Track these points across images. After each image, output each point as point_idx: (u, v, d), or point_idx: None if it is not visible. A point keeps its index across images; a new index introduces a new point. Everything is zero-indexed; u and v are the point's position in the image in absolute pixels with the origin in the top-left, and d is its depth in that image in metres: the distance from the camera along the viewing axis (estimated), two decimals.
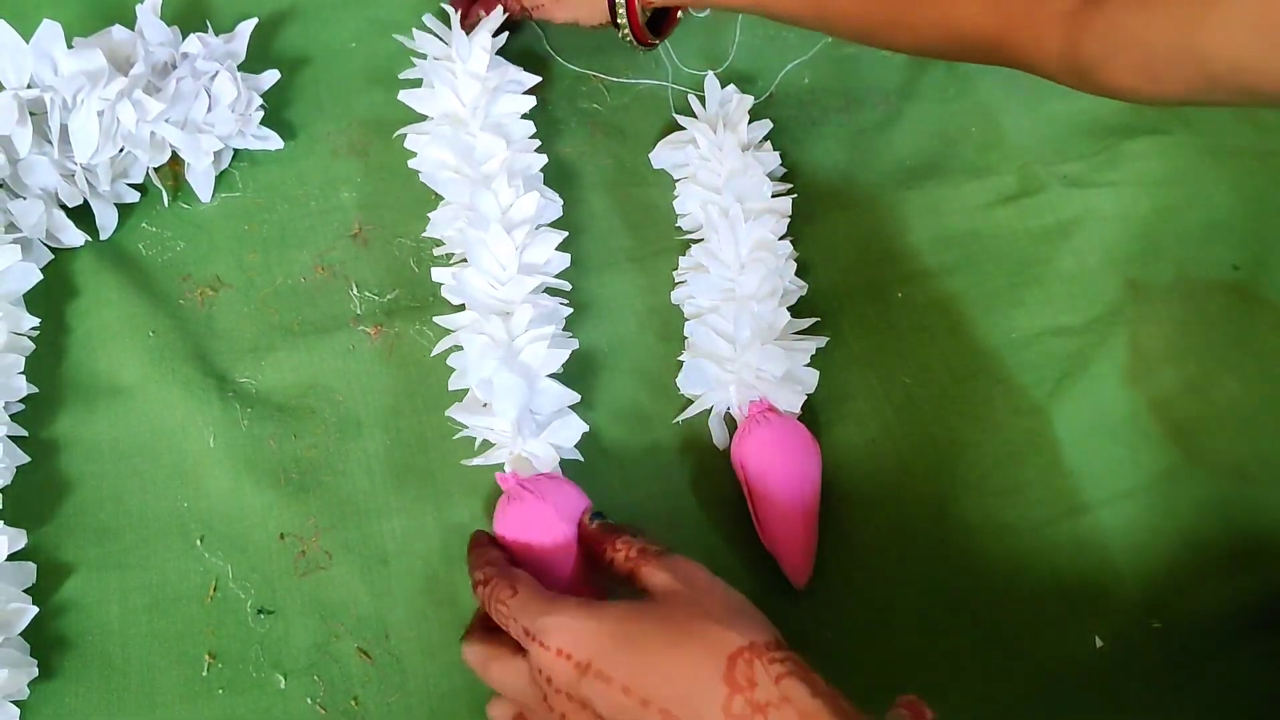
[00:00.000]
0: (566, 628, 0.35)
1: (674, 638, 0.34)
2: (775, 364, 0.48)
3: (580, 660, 0.34)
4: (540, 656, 0.35)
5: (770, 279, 0.50)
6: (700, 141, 0.54)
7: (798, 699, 0.32)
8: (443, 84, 0.53)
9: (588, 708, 0.34)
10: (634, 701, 0.33)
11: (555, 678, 0.35)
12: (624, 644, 0.34)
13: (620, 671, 0.33)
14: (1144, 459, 0.50)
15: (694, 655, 0.33)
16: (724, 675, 0.32)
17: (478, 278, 0.48)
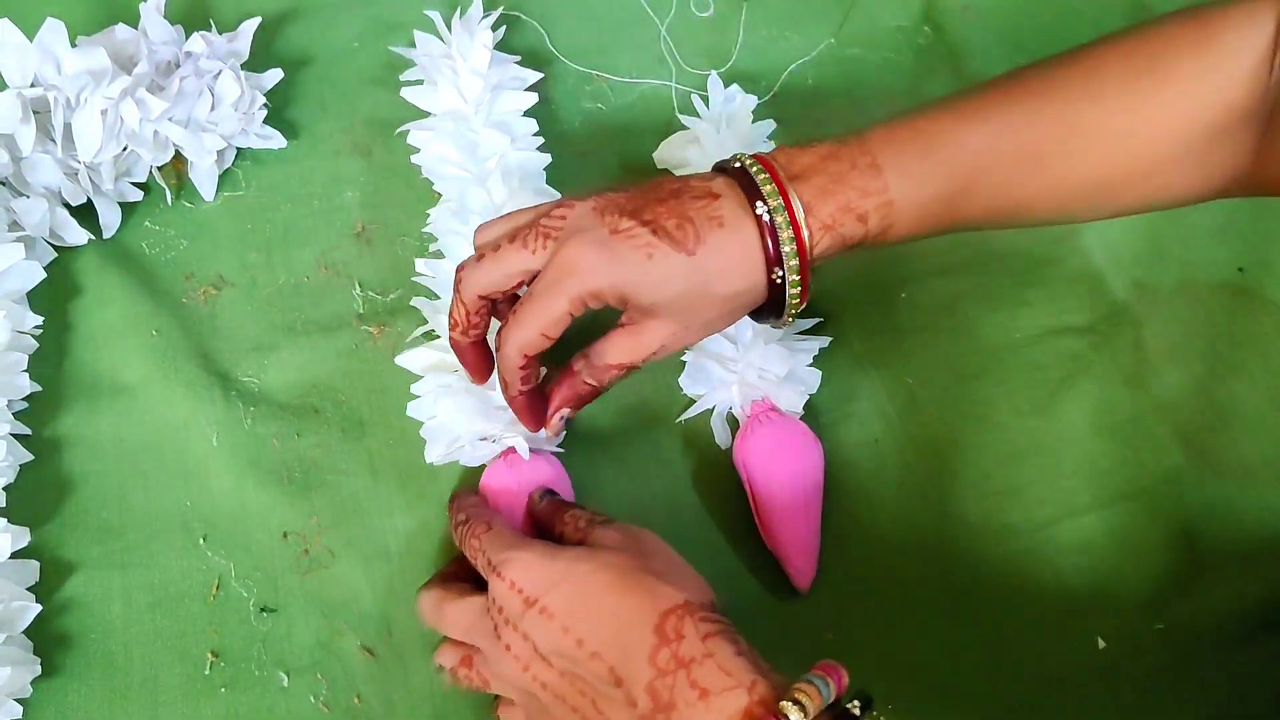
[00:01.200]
0: (524, 562, 0.37)
1: (616, 586, 0.36)
2: (778, 364, 0.48)
3: (529, 595, 0.36)
4: (496, 587, 0.37)
5: None
6: (703, 141, 0.54)
7: (721, 656, 0.33)
8: (445, 81, 0.53)
9: (528, 640, 0.36)
10: (570, 640, 0.35)
11: (506, 608, 0.37)
12: (570, 585, 0.36)
13: (561, 610, 0.35)
14: (1148, 460, 0.50)
15: (630, 605, 0.35)
16: (655, 627, 0.34)
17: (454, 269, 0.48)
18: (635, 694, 0.34)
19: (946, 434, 0.50)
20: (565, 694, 0.35)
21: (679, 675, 0.33)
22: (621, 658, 0.34)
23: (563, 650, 0.35)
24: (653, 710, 0.33)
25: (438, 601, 0.40)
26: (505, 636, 0.37)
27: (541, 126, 0.54)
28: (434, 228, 0.51)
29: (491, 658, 0.38)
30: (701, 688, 0.33)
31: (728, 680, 0.33)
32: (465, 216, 0.49)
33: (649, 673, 0.34)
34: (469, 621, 0.39)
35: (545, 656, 0.36)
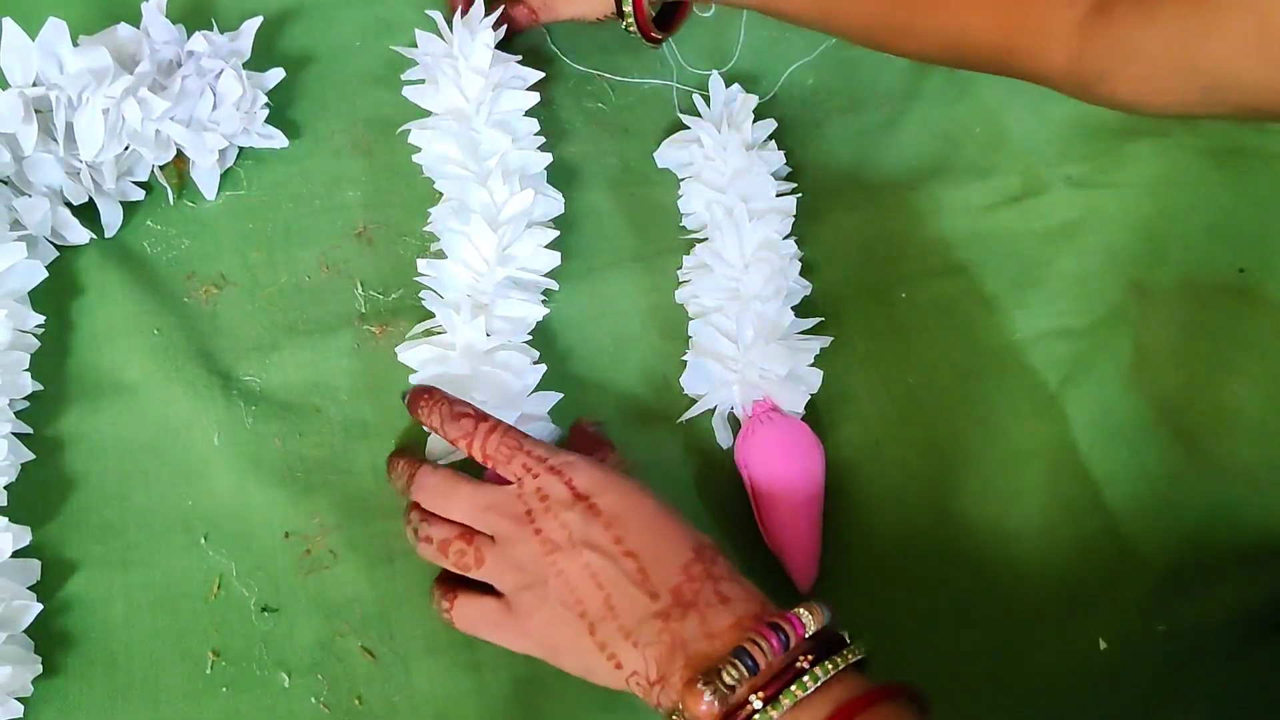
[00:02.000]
0: (582, 466, 0.41)
1: (662, 510, 0.40)
2: (779, 363, 0.48)
3: (581, 491, 0.40)
4: (549, 480, 0.40)
5: (775, 279, 0.50)
6: (705, 141, 0.54)
7: (746, 583, 0.38)
8: (446, 80, 0.53)
9: (566, 528, 0.39)
10: (609, 536, 0.39)
11: (553, 498, 0.40)
12: (619, 494, 0.40)
13: (609, 511, 0.39)
14: (1149, 461, 0.50)
15: (672, 527, 0.40)
16: (693, 548, 0.39)
17: (457, 269, 0.49)
18: (659, 592, 0.37)
19: (947, 435, 0.50)
20: (579, 581, 0.38)
21: (706, 584, 0.38)
22: (654, 560, 0.38)
23: (598, 543, 0.38)
24: (671, 605, 0.37)
25: (450, 480, 0.43)
26: (539, 520, 0.40)
27: (543, 126, 0.54)
28: (435, 227, 0.51)
29: (505, 540, 0.40)
30: (724, 596, 0.37)
31: (747, 595, 0.38)
32: (466, 216, 0.49)
33: (678, 578, 0.38)
34: (487, 503, 0.41)
35: (576, 546, 0.39)
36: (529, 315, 0.49)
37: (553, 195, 0.52)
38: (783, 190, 0.54)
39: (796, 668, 0.35)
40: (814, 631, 0.36)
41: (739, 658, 0.34)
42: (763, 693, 0.34)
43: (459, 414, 0.43)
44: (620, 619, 0.37)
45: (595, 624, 0.38)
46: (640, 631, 0.37)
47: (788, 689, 0.34)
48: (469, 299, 0.48)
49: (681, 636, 0.36)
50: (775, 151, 0.55)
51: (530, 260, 0.50)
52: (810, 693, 0.34)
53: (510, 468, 0.41)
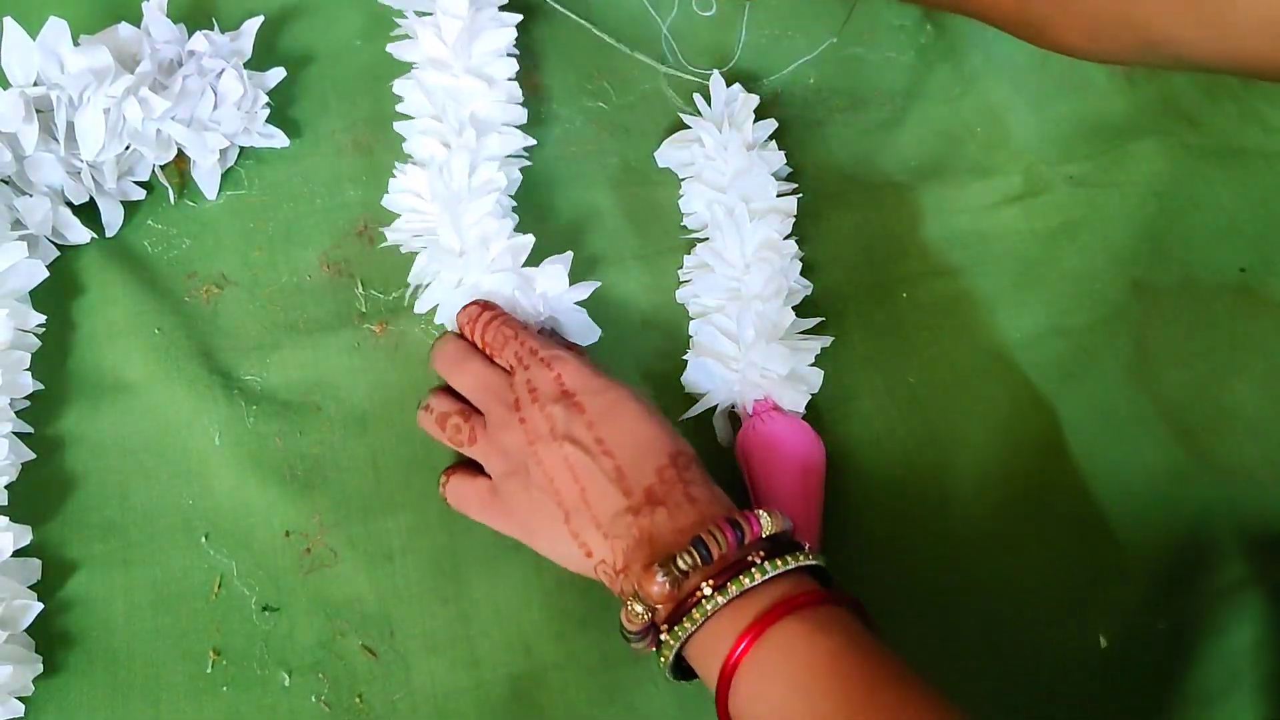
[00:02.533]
0: (573, 363, 0.43)
1: (645, 416, 0.42)
2: (780, 363, 0.48)
3: (569, 388, 0.42)
4: (538, 371, 0.42)
5: (775, 278, 0.50)
6: (705, 141, 0.54)
7: (716, 489, 0.41)
8: (425, 29, 0.53)
9: (550, 421, 0.41)
10: (590, 434, 0.41)
11: (541, 390, 0.42)
12: (606, 396, 0.42)
13: (592, 409, 0.41)
14: (1150, 460, 0.50)
15: (654, 431, 0.41)
16: (669, 454, 0.41)
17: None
18: (632, 489, 0.39)
19: (948, 433, 0.50)
20: (556, 473, 0.40)
21: (677, 486, 0.40)
22: (631, 461, 0.40)
23: (579, 439, 0.41)
24: (642, 503, 0.39)
25: (465, 352, 0.45)
26: (525, 410, 0.42)
27: (543, 126, 0.54)
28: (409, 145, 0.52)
29: (495, 424, 0.43)
30: (692, 497, 0.39)
31: (714, 497, 0.40)
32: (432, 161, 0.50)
33: (652, 478, 0.40)
34: (487, 383, 0.44)
35: (558, 438, 0.41)
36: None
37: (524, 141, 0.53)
38: (783, 190, 0.54)
39: (748, 560, 0.37)
40: (771, 533, 0.38)
41: (695, 546, 0.37)
42: (713, 580, 0.36)
43: (469, 304, 0.46)
44: (593, 511, 0.40)
45: (570, 513, 0.40)
46: (612, 524, 0.39)
47: (736, 578, 0.36)
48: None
49: (649, 531, 0.39)
50: (776, 151, 0.55)
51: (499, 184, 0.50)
52: (757, 583, 0.36)
53: (504, 355, 0.44)
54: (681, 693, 0.43)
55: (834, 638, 0.35)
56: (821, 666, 0.35)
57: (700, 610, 0.36)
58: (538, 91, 0.58)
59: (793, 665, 0.35)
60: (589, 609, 0.44)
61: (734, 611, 0.36)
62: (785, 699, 0.35)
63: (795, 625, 0.35)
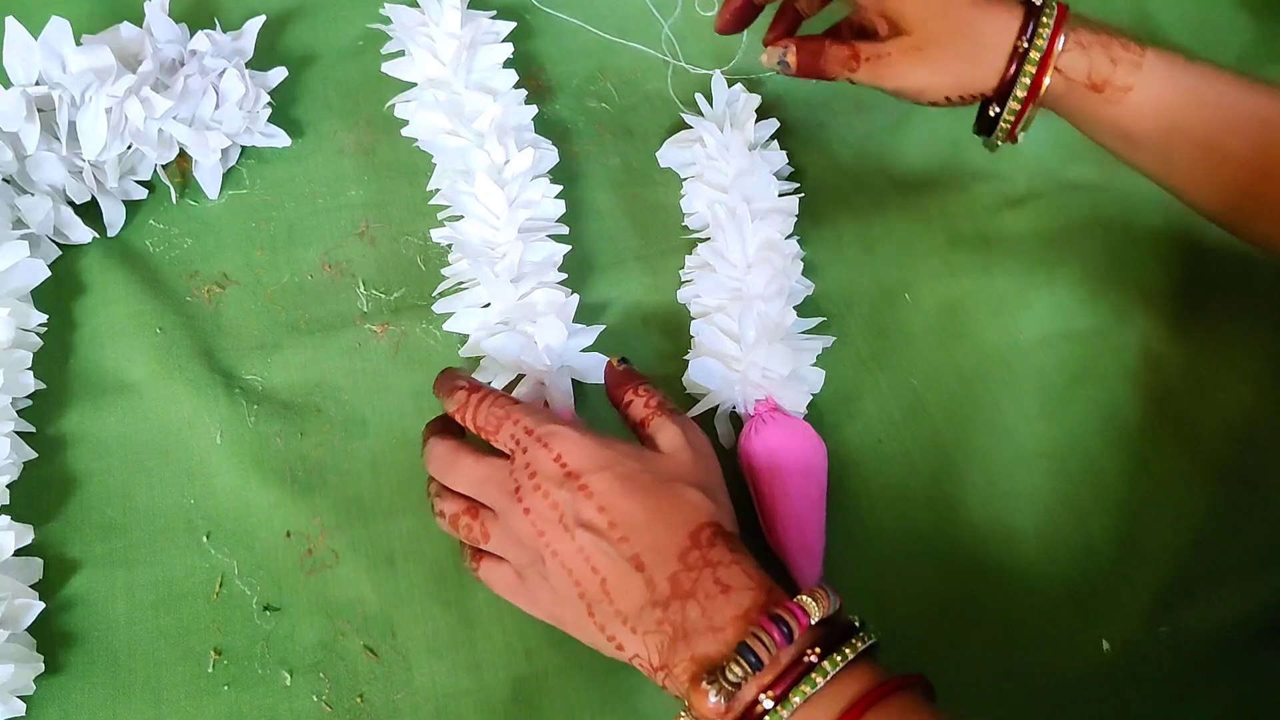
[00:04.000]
0: (571, 439, 0.39)
1: (659, 490, 0.38)
2: (781, 363, 0.48)
3: (572, 470, 0.38)
4: (537, 453, 0.39)
5: (777, 279, 0.50)
6: (707, 140, 0.54)
7: (746, 566, 0.37)
8: (420, 48, 0.53)
9: (557, 509, 0.38)
10: (603, 520, 0.37)
11: (541, 474, 0.38)
12: (615, 473, 0.38)
13: (602, 492, 0.38)
14: (1152, 463, 0.50)
15: (669, 508, 0.38)
16: (689, 533, 0.37)
17: (473, 227, 0.50)
18: (656, 580, 0.36)
19: (952, 436, 0.50)
20: (573, 565, 0.37)
21: (704, 572, 0.36)
22: (650, 548, 0.37)
23: (592, 526, 0.37)
24: (669, 596, 0.36)
25: (453, 452, 0.41)
26: (528, 499, 0.38)
27: (546, 126, 0.54)
28: (445, 195, 0.51)
29: (503, 515, 0.40)
30: (724, 584, 0.36)
31: (749, 582, 0.36)
32: (471, 177, 0.50)
33: (675, 565, 0.36)
34: (483, 476, 0.40)
35: (569, 527, 0.37)
36: (554, 253, 0.50)
37: (546, 147, 0.53)
38: (785, 190, 0.54)
39: (805, 662, 0.34)
40: (820, 618, 0.34)
41: (742, 655, 0.33)
42: (772, 690, 0.33)
43: (455, 388, 0.42)
44: (617, 604, 0.37)
45: (593, 606, 0.37)
46: (639, 619, 0.36)
47: (797, 686, 0.33)
48: (490, 252, 0.49)
49: (683, 628, 0.35)
50: (778, 151, 0.55)
51: (539, 209, 0.51)
52: (820, 688, 0.33)
53: (500, 438, 0.41)
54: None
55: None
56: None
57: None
58: (541, 93, 0.58)
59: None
60: None
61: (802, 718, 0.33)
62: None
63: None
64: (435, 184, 0.52)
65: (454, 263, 0.51)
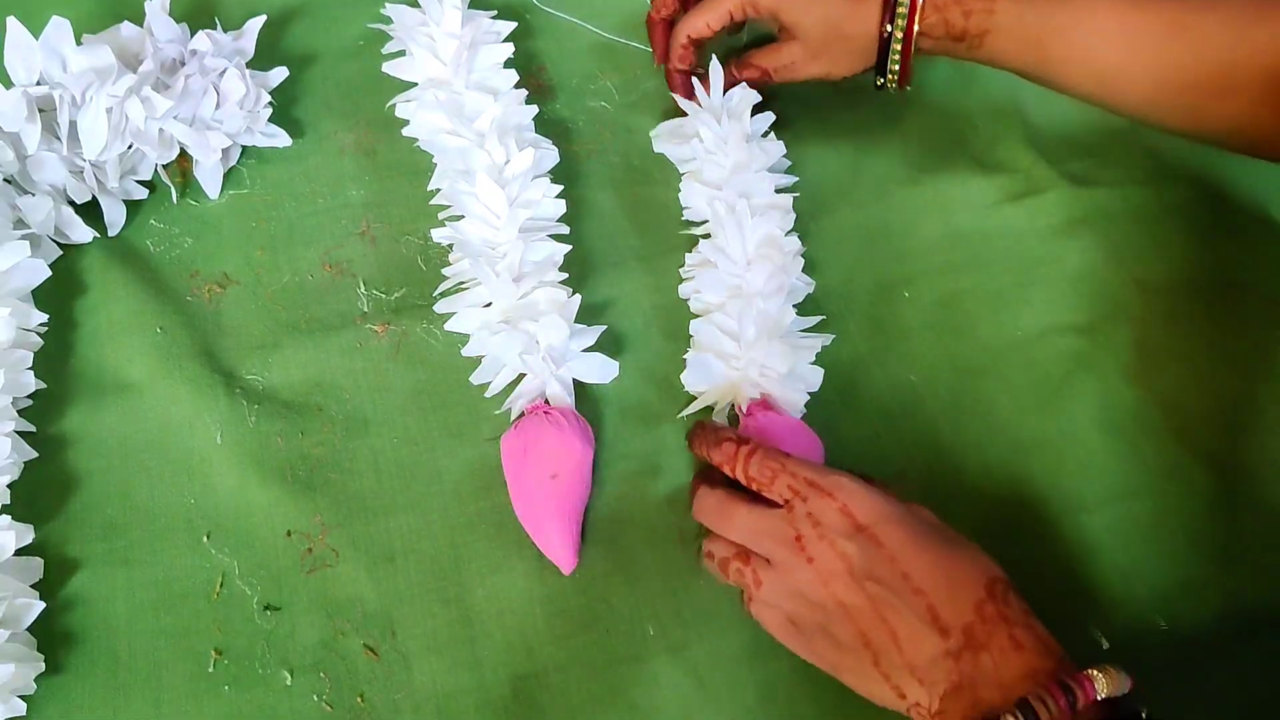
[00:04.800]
0: (857, 491, 0.39)
1: (949, 541, 0.39)
2: (780, 361, 0.48)
3: (861, 521, 0.39)
4: (821, 504, 0.39)
5: (777, 275, 0.50)
6: (704, 135, 0.54)
7: (1038, 628, 0.37)
8: (421, 48, 0.53)
9: (845, 560, 0.38)
10: (895, 571, 0.37)
11: (827, 524, 0.39)
12: (903, 524, 0.39)
13: (893, 543, 0.38)
14: (1150, 457, 0.50)
15: (962, 560, 0.38)
16: (985, 585, 0.37)
17: (474, 227, 0.50)
18: (950, 630, 0.36)
19: (949, 432, 0.50)
20: (862, 615, 0.38)
21: (1000, 626, 0.36)
22: (946, 600, 0.37)
23: (883, 579, 0.37)
24: (962, 647, 0.36)
25: (726, 502, 0.42)
26: (812, 549, 0.39)
27: (547, 125, 0.54)
28: (445, 194, 0.51)
29: (781, 565, 0.40)
30: (1018, 642, 0.36)
31: (1041, 645, 0.36)
32: (472, 177, 0.50)
33: (970, 617, 0.36)
34: (760, 527, 0.41)
35: (858, 579, 0.38)
36: (554, 253, 0.50)
37: (546, 147, 0.53)
38: (783, 185, 0.54)
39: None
40: (1106, 696, 0.35)
41: (1021, 710, 0.34)
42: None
43: (722, 439, 0.43)
44: (907, 655, 0.37)
45: (880, 655, 0.37)
46: (929, 669, 0.36)
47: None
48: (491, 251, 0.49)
49: (971, 677, 0.36)
50: (775, 142, 0.55)
51: (539, 209, 0.51)
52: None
53: (775, 489, 0.41)
54: (683, 690, 0.43)
55: None
56: None
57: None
58: (541, 93, 0.58)
59: None
60: (591, 610, 0.44)
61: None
62: None
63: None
64: (436, 184, 0.52)
65: (455, 262, 0.51)
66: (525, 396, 0.47)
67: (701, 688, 0.43)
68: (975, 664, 0.36)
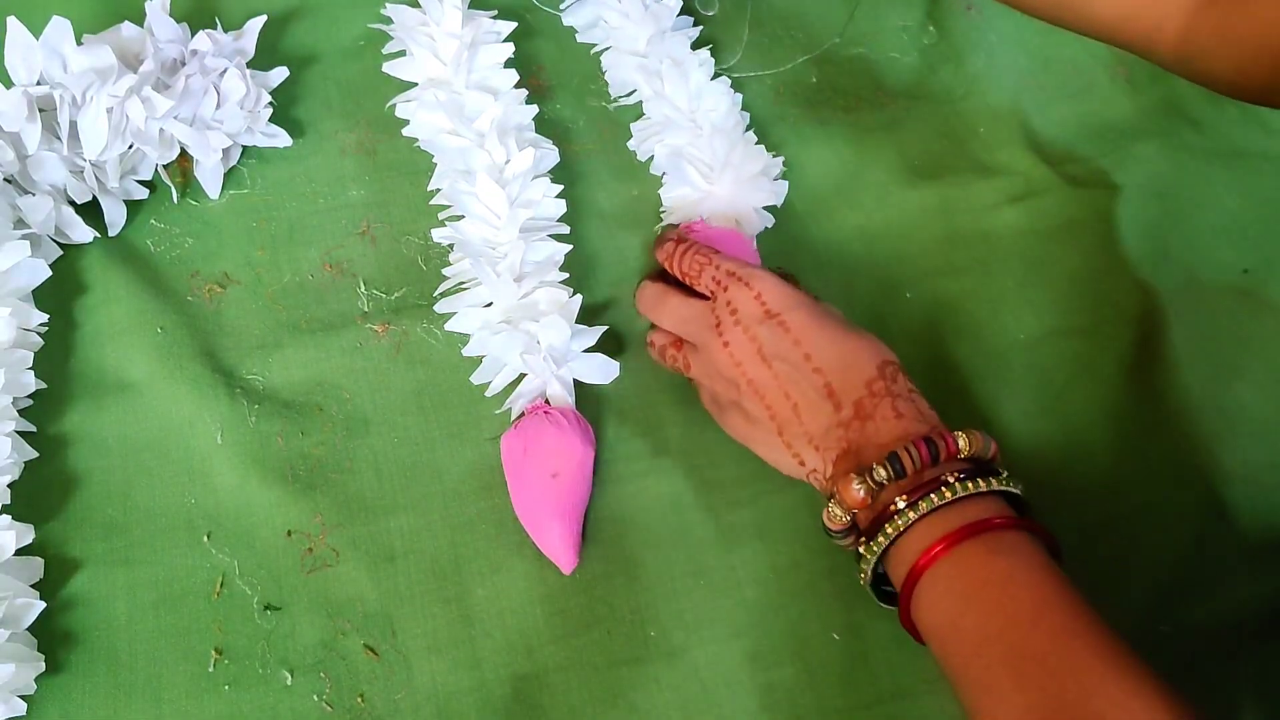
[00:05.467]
0: (770, 282, 0.44)
1: (847, 327, 0.43)
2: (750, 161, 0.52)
3: (771, 308, 0.43)
4: (738, 293, 0.44)
5: (731, 113, 0.55)
6: (609, 16, 0.58)
7: (919, 403, 0.42)
8: (421, 48, 0.53)
9: (755, 342, 0.43)
10: (799, 352, 0.42)
11: (742, 311, 0.44)
12: (808, 311, 0.43)
13: (798, 327, 0.43)
14: (1153, 461, 0.50)
15: (858, 344, 0.43)
16: (877, 365, 0.42)
17: (474, 227, 0.50)
18: (843, 403, 0.41)
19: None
20: (768, 390, 0.43)
21: (885, 400, 0.41)
22: (840, 377, 0.42)
23: (788, 358, 0.43)
24: (852, 417, 0.41)
25: (661, 294, 0.48)
26: (728, 334, 0.44)
27: (547, 125, 0.54)
28: (446, 194, 0.51)
29: (703, 348, 0.45)
30: (899, 412, 0.41)
31: (919, 415, 0.41)
32: (472, 177, 0.50)
33: (861, 392, 0.41)
34: (687, 314, 0.46)
35: (766, 359, 0.43)
36: (555, 253, 0.50)
37: (547, 147, 0.53)
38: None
39: (941, 479, 0.38)
40: (970, 454, 0.39)
41: (890, 460, 0.39)
42: (907, 496, 0.38)
43: (663, 240, 0.49)
44: (805, 426, 0.42)
45: (783, 426, 0.43)
46: (824, 438, 0.42)
47: (928, 495, 0.38)
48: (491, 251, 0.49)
49: (856, 442, 0.41)
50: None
51: (540, 209, 0.51)
52: (948, 502, 0.38)
53: (702, 281, 0.46)
54: (684, 693, 0.43)
55: (1011, 560, 0.37)
56: (994, 586, 0.36)
57: (893, 525, 0.39)
58: (541, 93, 0.58)
59: (966, 582, 0.37)
60: (591, 610, 0.44)
61: (926, 526, 0.38)
62: (957, 611, 0.37)
63: (976, 545, 0.37)
64: (436, 184, 0.52)
65: (455, 262, 0.51)
66: (526, 396, 0.47)
67: (703, 691, 0.43)
68: (861, 431, 0.41)
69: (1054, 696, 0.34)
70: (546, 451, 0.45)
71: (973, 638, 0.36)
